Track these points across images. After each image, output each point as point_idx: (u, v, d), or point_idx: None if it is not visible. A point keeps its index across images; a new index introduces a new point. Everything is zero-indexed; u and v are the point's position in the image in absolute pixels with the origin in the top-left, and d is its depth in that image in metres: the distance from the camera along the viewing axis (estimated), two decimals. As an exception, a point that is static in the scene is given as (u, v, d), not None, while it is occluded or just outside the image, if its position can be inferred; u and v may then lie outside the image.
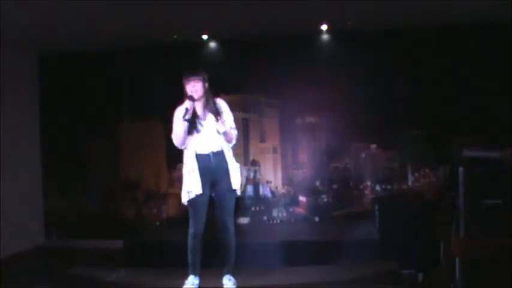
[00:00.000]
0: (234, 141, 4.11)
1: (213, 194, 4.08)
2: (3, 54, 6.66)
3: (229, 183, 4.02)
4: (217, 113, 4.02)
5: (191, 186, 4.00)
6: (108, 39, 7.01)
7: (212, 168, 4.00)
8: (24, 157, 7.28)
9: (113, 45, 7.26)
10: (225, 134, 3.98)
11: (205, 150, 4.01)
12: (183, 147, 4.06)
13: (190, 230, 4.06)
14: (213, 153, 4.01)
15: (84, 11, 5.71)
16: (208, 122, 4.02)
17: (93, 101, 7.63)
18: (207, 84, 4.08)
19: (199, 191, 3.98)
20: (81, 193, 7.76)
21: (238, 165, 4.13)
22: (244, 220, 7.40)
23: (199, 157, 4.01)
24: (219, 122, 3.96)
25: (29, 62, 7.59)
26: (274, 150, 7.53)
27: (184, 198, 4.06)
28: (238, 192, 4.11)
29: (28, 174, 7.42)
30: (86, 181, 7.79)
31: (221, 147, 4.03)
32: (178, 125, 3.99)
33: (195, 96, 4.00)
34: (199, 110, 4.05)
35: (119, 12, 5.86)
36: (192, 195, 4.01)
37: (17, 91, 7.13)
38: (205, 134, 4.02)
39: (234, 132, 4.09)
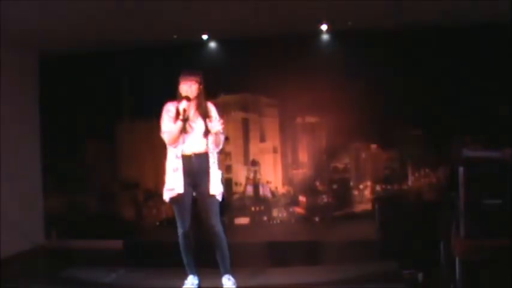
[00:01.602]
0: (220, 146, 4.09)
1: (194, 194, 4.07)
2: (3, 54, 6.66)
3: (208, 188, 4.00)
4: (206, 116, 4.02)
5: (173, 184, 4.01)
6: (108, 39, 7.01)
7: (193, 169, 4.00)
8: (24, 157, 7.28)
9: (113, 45, 7.26)
10: (216, 134, 3.97)
11: (189, 151, 4.02)
12: (173, 146, 4.06)
13: (179, 230, 4.08)
14: (195, 154, 4.01)
15: (84, 11, 5.71)
16: (196, 124, 4.02)
17: (93, 101, 7.63)
18: (201, 87, 4.08)
19: (180, 190, 3.99)
20: (81, 193, 7.76)
21: (220, 172, 4.07)
22: (244, 220, 7.41)
23: (183, 157, 4.02)
24: (210, 123, 3.95)
25: (29, 62, 7.59)
26: (274, 150, 7.53)
27: (166, 196, 4.07)
28: (219, 198, 4.04)
29: (28, 174, 7.42)
30: (86, 181, 7.79)
31: (204, 150, 4.02)
32: (172, 124, 3.99)
33: (191, 96, 4.00)
34: (190, 111, 4.05)
35: (119, 12, 5.86)
36: (174, 194, 4.02)
37: (17, 91, 7.13)
38: (191, 135, 4.03)
39: (221, 137, 4.06)
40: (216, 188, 4.00)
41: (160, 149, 4.31)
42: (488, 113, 6.65)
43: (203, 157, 4.01)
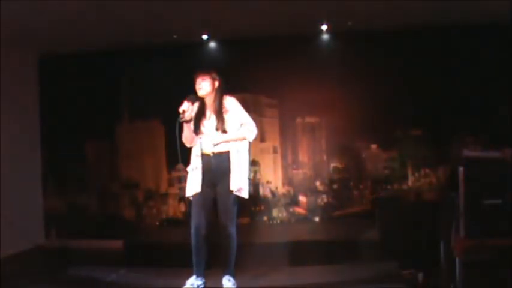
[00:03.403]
0: (252, 136, 3.99)
1: (216, 194, 4.04)
2: (3, 54, 6.66)
3: (228, 185, 3.94)
4: (221, 112, 3.98)
5: (192, 183, 4.00)
6: (108, 39, 7.01)
7: (212, 169, 3.96)
8: (24, 157, 7.28)
9: (113, 45, 7.26)
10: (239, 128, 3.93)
11: (208, 150, 3.99)
12: (192, 145, 4.05)
13: (192, 229, 4.04)
14: (214, 154, 3.98)
15: (84, 11, 5.71)
16: (211, 122, 4.00)
17: (93, 101, 7.63)
18: (217, 84, 4.05)
19: (198, 189, 3.97)
20: (81, 193, 7.76)
21: (242, 167, 3.97)
22: (244, 220, 7.41)
23: (203, 156, 4.00)
24: (214, 134, 3.93)
25: (29, 62, 7.59)
26: (274, 150, 7.53)
27: (187, 194, 4.06)
28: (242, 194, 3.97)
29: (28, 174, 7.41)
30: (86, 181, 7.78)
31: (226, 148, 3.97)
32: (184, 126, 3.98)
33: (200, 93, 3.99)
34: (207, 109, 4.03)
35: (119, 12, 5.86)
36: (192, 192, 4.01)
37: (17, 91, 7.13)
38: (208, 134, 4.00)
39: (248, 128, 3.97)
40: (235, 184, 3.92)
41: (160, 149, 4.31)
42: (488, 113, 6.65)
43: (224, 156, 3.96)
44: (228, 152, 3.97)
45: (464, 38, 6.82)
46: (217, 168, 3.96)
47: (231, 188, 3.93)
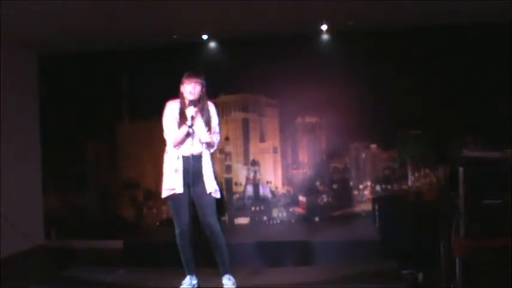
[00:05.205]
0: (215, 147, 4.16)
1: (192, 195, 4.08)
2: (3, 54, 6.66)
3: (204, 187, 4.03)
4: (208, 120, 4.07)
5: (173, 185, 4.06)
6: (108, 39, 7.01)
7: (190, 170, 4.03)
8: (24, 157, 7.28)
9: (113, 45, 7.27)
10: (207, 143, 4.02)
11: (188, 152, 4.04)
12: (177, 148, 4.06)
13: (176, 230, 4.10)
14: (193, 155, 4.04)
15: (84, 11, 5.71)
16: (196, 127, 4.03)
17: (93, 101, 7.63)
18: (204, 89, 4.09)
19: (180, 190, 4.03)
20: (81, 193, 7.75)
21: (212, 170, 4.11)
22: (244, 220, 7.41)
23: (183, 158, 4.04)
24: (204, 132, 3.99)
25: (29, 62, 7.59)
26: (274, 150, 7.53)
27: (164, 195, 4.11)
28: (216, 195, 4.09)
29: (28, 174, 7.42)
30: (86, 181, 7.78)
31: (201, 151, 4.05)
32: (175, 125, 3.99)
33: (192, 97, 4.01)
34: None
35: (119, 12, 5.87)
36: (173, 193, 4.06)
37: (17, 91, 7.13)
38: (190, 137, 4.03)
39: (216, 138, 4.12)
40: (211, 186, 4.04)
41: (160, 149, 4.32)
42: (488, 113, 6.65)
43: (199, 158, 4.05)
44: (201, 154, 4.06)
45: (464, 38, 6.81)
46: (194, 170, 4.03)
47: (208, 190, 4.04)
